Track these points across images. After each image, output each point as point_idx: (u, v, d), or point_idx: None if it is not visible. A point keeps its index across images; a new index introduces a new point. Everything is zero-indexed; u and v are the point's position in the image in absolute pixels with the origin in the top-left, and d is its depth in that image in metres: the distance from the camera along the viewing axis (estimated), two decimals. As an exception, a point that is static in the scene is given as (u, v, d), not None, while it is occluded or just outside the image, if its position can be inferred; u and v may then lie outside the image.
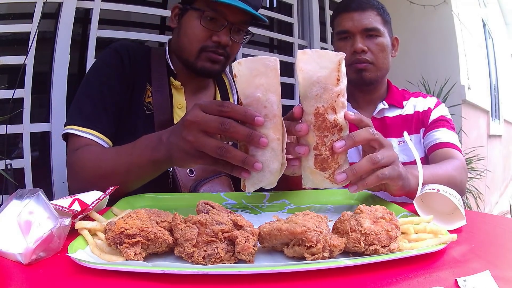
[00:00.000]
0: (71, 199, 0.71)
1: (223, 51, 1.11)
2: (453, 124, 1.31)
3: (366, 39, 1.26)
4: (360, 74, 1.27)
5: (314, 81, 0.69)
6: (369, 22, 1.26)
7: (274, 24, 2.84)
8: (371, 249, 0.55)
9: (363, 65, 1.26)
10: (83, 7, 1.78)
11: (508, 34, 8.29)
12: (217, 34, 1.08)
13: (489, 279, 0.50)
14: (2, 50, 1.68)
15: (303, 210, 0.62)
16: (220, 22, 1.08)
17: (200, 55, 1.10)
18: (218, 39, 1.08)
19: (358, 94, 1.34)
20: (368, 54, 1.26)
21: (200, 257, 0.53)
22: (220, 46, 1.10)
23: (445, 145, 1.22)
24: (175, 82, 1.16)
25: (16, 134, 1.61)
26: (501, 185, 6.35)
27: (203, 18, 1.08)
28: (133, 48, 1.17)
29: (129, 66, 1.12)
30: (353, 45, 1.26)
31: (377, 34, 1.27)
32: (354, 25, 1.26)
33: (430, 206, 0.77)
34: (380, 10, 1.29)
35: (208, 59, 1.11)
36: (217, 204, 0.66)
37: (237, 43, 1.14)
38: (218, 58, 1.11)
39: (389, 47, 1.31)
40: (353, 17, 1.27)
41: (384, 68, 1.30)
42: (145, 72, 1.15)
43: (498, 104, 6.50)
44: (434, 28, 3.52)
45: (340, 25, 1.30)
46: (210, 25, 1.08)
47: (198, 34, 1.09)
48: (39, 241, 0.53)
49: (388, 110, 1.33)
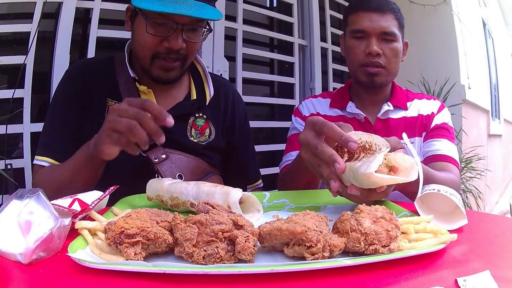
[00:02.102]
0: (71, 199, 0.71)
1: (176, 56, 1.05)
2: (453, 133, 1.30)
3: (381, 42, 1.23)
4: (371, 78, 1.25)
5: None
6: (388, 25, 1.23)
7: (274, 24, 2.84)
8: (371, 249, 0.55)
9: (376, 69, 1.24)
10: (83, 7, 1.78)
11: (508, 34, 8.29)
12: (167, 39, 1.02)
13: (489, 279, 0.50)
14: (2, 50, 1.68)
15: (303, 210, 0.62)
16: (169, 25, 1.01)
17: (153, 62, 1.05)
18: (168, 45, 1.02)
19: (364, 94, 1.33)
20: (382, 58, 1.23)
21: (200, 257, 0.53)
22: (172, 52, 1.03)
23: (445, 159, 1.20)
24: (140, 87, 1.11)
25: (16, 134, 1.61)
26: (501, 185, 6.36)
27: (150, 24, 1.01)
28: (90, 66, 1.15)
29: (81, 89, 1.10)
30: (369, 47, 1.22)
31: (393, 39, 1.24)
32: (372, 26, 1.22)
33: (430, 206, 0.77)
34: (398, 14, 1.27)
35: (161, 68, 1.06)
36: (217, 204, 0.67)
37: (194, 43, 1.07)
38: (171, 66, 1.06)
39: (401, 53, 1.29)
40: (372, 18, 1.23)
41: (395, 73, 1.29)
42: (105, 88, 1.11)
43: (498, 103, 6.50)
44: (434, 28, 3.52)
45: (356, 23, 1.26)
46: (158, 31, 1.01)
47: (148, 41, 1.03)
48: (39, 241, 0.53)
49: (393, 112, 1.31)
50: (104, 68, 1.15)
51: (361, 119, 1.30)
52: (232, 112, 1.25)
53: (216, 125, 1.20)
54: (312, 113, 1.36)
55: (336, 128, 0.73)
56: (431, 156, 1.23)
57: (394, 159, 0.71)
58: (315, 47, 2.79)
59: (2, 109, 1.57)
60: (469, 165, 3.33)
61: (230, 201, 0.76)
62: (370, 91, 1.32)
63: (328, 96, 1.41)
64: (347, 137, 0.71)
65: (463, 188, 3.26)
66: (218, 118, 1.21)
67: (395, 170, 0.70)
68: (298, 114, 1.39)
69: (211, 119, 1.19)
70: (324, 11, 2.93)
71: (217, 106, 1.22)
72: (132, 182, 0.89)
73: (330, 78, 2.92)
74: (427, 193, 0.76)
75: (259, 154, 2.74)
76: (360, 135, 0.74)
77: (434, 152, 1.23)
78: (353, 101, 1.33)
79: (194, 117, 1.17)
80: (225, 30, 2.30)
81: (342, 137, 0.72)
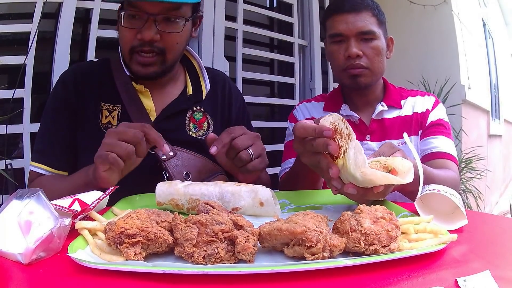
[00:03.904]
0: (71, 199, 0.71)
1: (150, 48, 1.03)
2: (450, 129, 1.29)
3: (361, 43, 1.21)
4: (355, 79, 1.23)
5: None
6: (364, 24, 1.20)
7: (274, 24, 2.84)
8: (371, 249, 0.55)
9: (358, 70, 1.21)
10: (83, 7, 1.79)
11: (508, 34, 8.28)
12: (140, 31, 1.01)
13: (489, 279, 0.50)
14: (2, 50, 1.68)
15: (303, 210, 0.62)
16: (142, 17, 1.01)
17: (132, 57, 1.05)
18: (141, 36, 1.01)
19: (355, 96, 1.31)
20: (363, 59, 1.21)
21: (200, 257, 0.53)
22: (146, 44, 1.02)
23: (443, 156, 1.20)
24: (137, 86, 1.11)
25: (16, 134, 1.61)
26: (501, 185, 6.35)
27: (125, 18, 1.03)
28: (83, 70, 1.15)
29: (74, 94, 1.10)
30: (348, 50, 1.20)
31: (373, 37, 1.21)
32: (348, 28, 1.20)
33: (430, 206, 0.77)
34: (375, 10, 1.23)
35: (138, 63, 1.05)
36: (217, 204, 0.66)
37: (170, 34, 1.04)
38: (147, 61, 1.04)
39: (384, 50, 1.26)
40: (347, 19, 1.20)
41: (380, 72, 1.26)
42: (100, 92, 1.11)
43: (498, 103, 6.50)
44: (434, 28, 3.51)
45: (333, 28, 1.24)
46: (132, 23, 1.02)
47: (125, 35, 1.04)
48: (39, 241, 0.53)
49: (387, 112, 1.30)
50: (99, 71, 1.14)
51: (355, 121, 1.29)
52: (229, 103, 1.24)
53: (214, 118, 1.19)
54: (307, 117, 1.35)
55: (307, 124, 0.76)
56: (429, 154, 1.23)
57: (393, 163, 0.72)
58: (315, 47, 2.79)
59: (2, 109, 1.57)
60: (469, 165, 3.33)
61: (262, 198, 0.77)
62: (360, 93, 1.30)
63: (322, 99, 1.40)
64: (320, 127, 0.74)
65: (463, 189, 3.26)
66: (216, 110, 1.21)
67: (394, 173, 0.71)
68: (293, 119, 1.39)
69: (209, 112, 1.19)
70: (324, 11, 2.93)
71: (215, 98, 1.22)
72: (139, 180, 0.89)
73: (330, 78, 2.92)
74: (427, 193, 0.76)
75: (259, 154, 2.74)
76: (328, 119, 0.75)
77: (432, 149, 1.22)
78: (346, 103, 1.32)
79: (192, 111, 1.17)
80: (225, 30, 2.30)
81: (315, 130, 0.74)
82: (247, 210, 0.78)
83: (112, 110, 1.10)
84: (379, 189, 0.70)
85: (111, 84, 1.11)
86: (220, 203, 0.75)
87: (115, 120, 1.10)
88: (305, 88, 2.81)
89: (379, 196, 0.74)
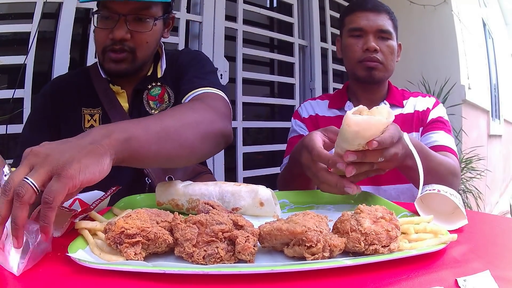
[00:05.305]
0: (71, 199, 0.71)
1: (120, 47, 1.07)
2: (450, 126, 1.33)
3: (378, 40, 1.29)
4: (370, 72, 1.29)
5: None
6: (384, 23, 1.29)
7: (274, 24, 2.85)
8: (371, 249, 0.55)
9: (374, 63, 1.28)
10: (83, 7, 1.79)
11: (508, 34, 8.28)
12: (111, 31, 1.05)
13: (489, 279, 0.50)
14: (2, 50, 1.68)
15: (303, 210, 0.62)
16: (113, 18, 1.05)
17: (104, 56, 1.09)
18: (112, 36, 1.06)
19: (361, 93, 1.36)
20: (379, 54, 1.28)
21: (200, 257, 0.53)
22: (117, 42, 1.06)
23: (443, 148, 1.22)
24: (114, 88, 1.14)
25: (16, 134, 1.61)
26: (501, 185, 6.35)
27: (99, 19, 1.07)
28: (61, 81, 1.19)
29: (50, 106, 1.13)
30: (366, 43, 1.28)
31: (389, 36, 1.30)
32: (369, 24, 1.29)
33: (430, 206, 0.77)
34: (392, 15, 1.33)
35: (110, 60, 1.08)
36: (217, 204, 0.66)
37: (140, 33, 1.08)
38: (118, 57, 1.08)
39: (396, 52, 1.34)
40: (369, 17, 1.29)
41: (391, 70, 1.33)
42: (80, 99, 1.14)
43: (498, 104, 6.50)
44: (434, 28, 3.52)
45: (353, 22, 1.32)
46: (105, 24, 1.06)
47: (98, 35, 1.08)
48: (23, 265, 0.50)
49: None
50: (78, 79, 1.18)
51: None
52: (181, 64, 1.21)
53: (175, 88, 1.18)
54: (311, 115, 1.39)
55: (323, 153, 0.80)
56: (429, 147, 1.25)
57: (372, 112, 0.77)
58: (315, 47, 2.80)
59: (2, 109, 1.57)
60: (469, 165, 3.34)
61: (262, 198, 0.77)
62: (367, 89, 1.34)
63: (326, 97, 1.45)
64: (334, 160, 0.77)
65: (463, 189, 3.26)
66: (175, 82, 1.18)
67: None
68: (297, 117, 1.43)
69: (169, 84, 1.18)
70: (324, 11, 2.93)
71: (171, 72, 1.21)
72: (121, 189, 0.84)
73: (330, 78, 2.93)
74: (427, 193, 0.76)
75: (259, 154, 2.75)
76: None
77: (432, 143, 1.25)
78: (351, 101, 1.36)
79: (147, 90, 1.17)
80: (225, 30, 2.30)
81: (329, 161, 0.78)
82: (247, 210, 0.78)
83: (94, 114, 1.14)
84: (374, 145, 0.71)
85: (91, 89, 1.15)
86: (220, 203, 0.75)
87: (97, 123, 1.13)
88: (305, 88, 2.81)
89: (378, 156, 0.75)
